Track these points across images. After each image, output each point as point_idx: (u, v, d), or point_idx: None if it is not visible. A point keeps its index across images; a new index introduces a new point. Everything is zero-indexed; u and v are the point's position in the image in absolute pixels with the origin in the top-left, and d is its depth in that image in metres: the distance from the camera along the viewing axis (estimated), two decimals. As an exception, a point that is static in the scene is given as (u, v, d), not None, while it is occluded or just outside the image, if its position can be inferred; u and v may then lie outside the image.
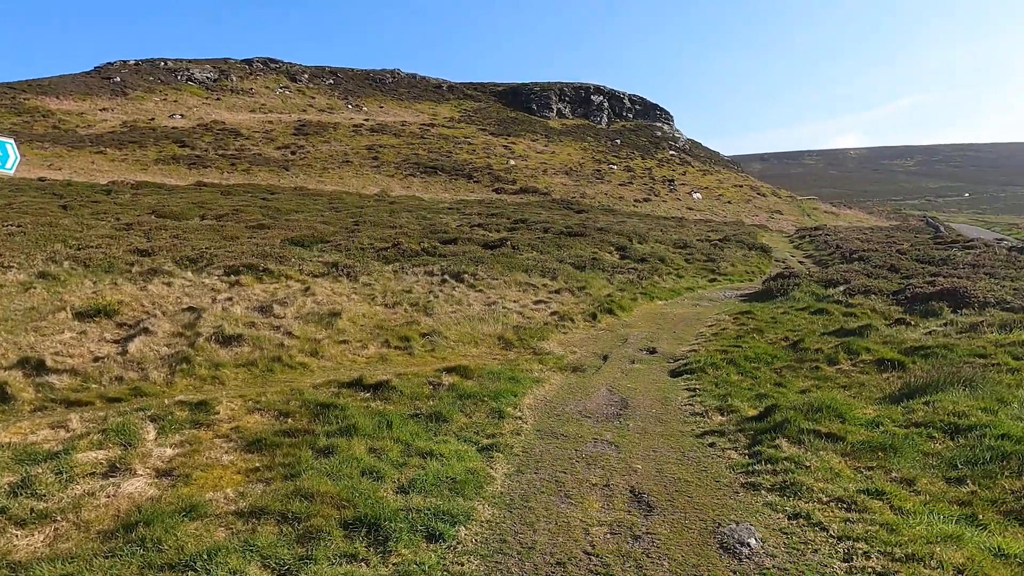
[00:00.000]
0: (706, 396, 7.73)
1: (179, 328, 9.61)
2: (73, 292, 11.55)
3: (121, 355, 8.29)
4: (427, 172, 50.70)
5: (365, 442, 5.71)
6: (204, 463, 5.28)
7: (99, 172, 39.06)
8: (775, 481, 5.18)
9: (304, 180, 43.76)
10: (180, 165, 44.42)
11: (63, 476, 4.84)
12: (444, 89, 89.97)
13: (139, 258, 14.90)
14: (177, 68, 77.11)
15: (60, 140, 47.41)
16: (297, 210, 28.58)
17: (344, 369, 8.62)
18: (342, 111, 73.51)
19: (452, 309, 12.47)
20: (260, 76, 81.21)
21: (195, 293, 12.15)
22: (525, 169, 56.03)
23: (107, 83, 69.36)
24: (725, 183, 64.76)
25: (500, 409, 6.93)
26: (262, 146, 53.38)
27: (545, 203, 42.15)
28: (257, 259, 15.19)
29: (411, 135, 63.61)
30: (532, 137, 70.08)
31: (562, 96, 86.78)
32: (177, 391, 7.36)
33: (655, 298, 16.35)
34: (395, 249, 18.75)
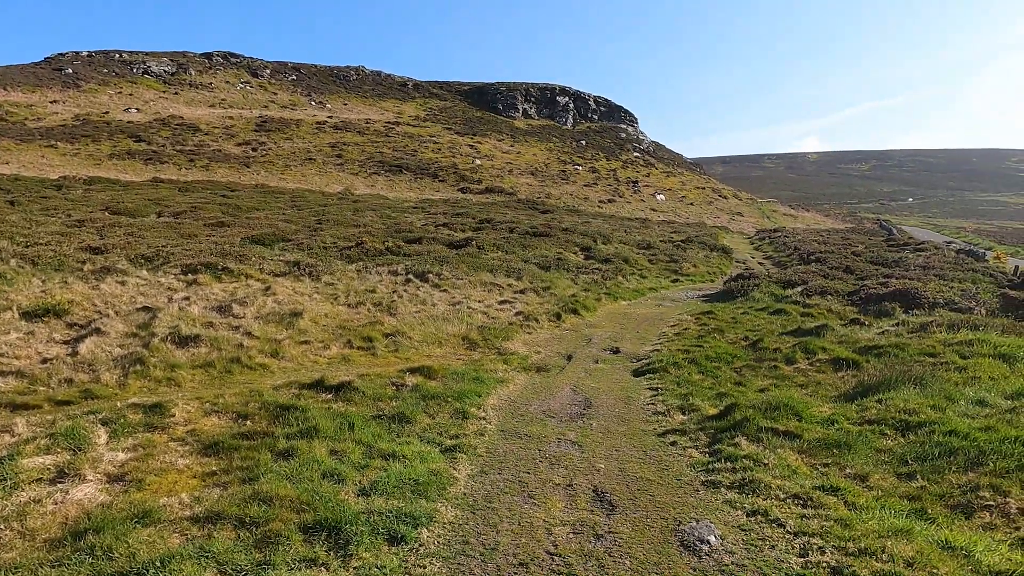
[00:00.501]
0: (668, 395, 7.82)
1: (133, 328, 9.33)
2: (20, 291, 11.12)
3: (71, 356, 8.01)
4: (392, 171, 50.29)
5: (326, 444, 5.62)
6: (158, 467, 5.13)
7: (49, 167, 37.72)
8: (735, 479, 5.27)
9: (266, 177, 42.98)
10: (136, 160, 43.19)
11: (7, 483, 4.65)
12: (410, 87, 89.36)
13: (91, 256, 14.44)
14: (133, 61, 74.93)
15: (7, 133, 45.63)
16: (258, 208, 28.05)
17: (305, 370, 8.48)
18: (305, 108, 72.42)
19: (416, 309, 12.38)
20: (220, 71, 79.46)
21: (150, 292, 11.82)
22: (491, 169, 56.00)
23: (58, 75, 67.04)
24: (688, 185, 65.75)
25: (464, 410, 6.91)
26: (222, 142, 52.24)
27: (511, 203, 42.20)
28: (216, 258, 14.85)
29: (376, 133, 63.01)
30: (498, 137, 70.08)
31: (528, 96, 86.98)
32: (130, 393, 7.14)
33: (619, 298, 16.50)
34: (359, 248, 18.54)
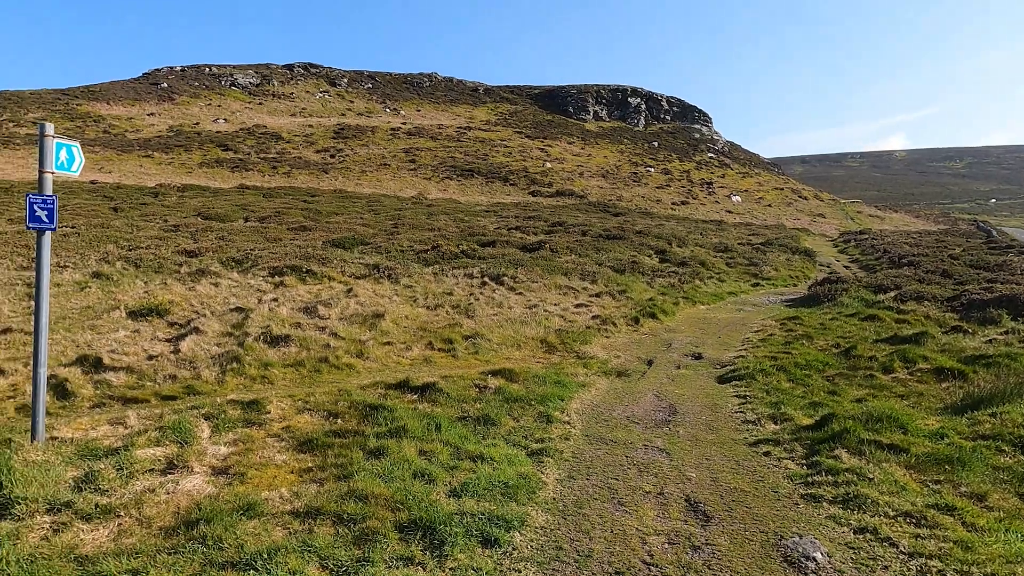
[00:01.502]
0: (757, 404, 7.54)
1: (228, 328, 9.78)
2: (126, 292, 11.88)
3: (174, 354, 8.46)
4: (464, 175, 50.94)
5: (415, 444, 5.70)
6: (258, 462, 5.33)
7: (147, 175, 40.21)
8: (837, 493, 5.01)
9: (343, 183, 44.37)
10: (224, 168, 45.45)
11: (124, 472, 4.93)
12: (481, 92, 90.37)
13: (187, 259, 15.26)
14: (221, 73, 79.00)
15: (110, 144, 48.96)
16: (337, 212, 28.98)
17: (389, 371, 8.65)
18: (380, 115, 74.38)
19: (493, 312, 12.45)
20: (301, 81, 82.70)
21: (241, 293, 12.37)
22: (561, 172, 55.88)
23: (155, 89, 71.42)
24: (765, 186, 63.62)
25: (548, 413, 6.87)
26: (302, 150, 54.32)
27: (582, 206, 41.97)
28: (300, 260, 15.41)
29: (448, 138, 64.01)
30: (568, 140, 69.88)
31: (599, 98, 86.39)
32: (228, 390, 7.47)
33: (697, 302, 16.10)
34: (434, 251, 18.85)
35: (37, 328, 5.28)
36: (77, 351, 8.29)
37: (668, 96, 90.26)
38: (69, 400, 7.01)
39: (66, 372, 7.47)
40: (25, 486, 4.53)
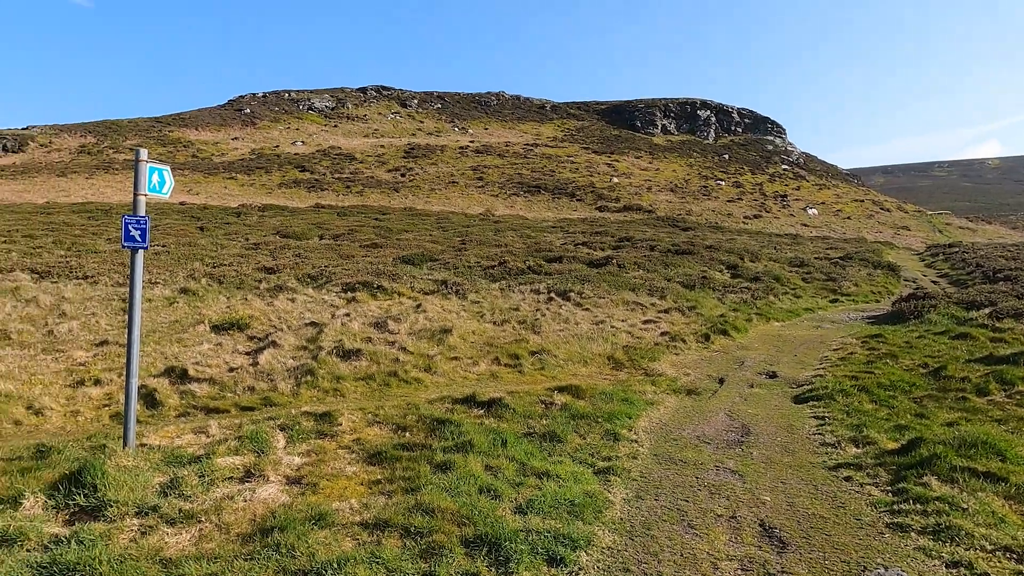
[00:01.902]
0: (837, 425, 7.19)
1: (303, 342, 10.13)
2: (210, 307, 12.50)
3: (252, 366, 8.83)
4: (530, 191, 51.24)
5: (481, 459, 5.72)
6: (330, 473, 5.47)
7: (230, 196, 42.38)
8: (926, 523, 4.70)
9: (413, 201, 45.43)
10: (300, 188, 47.39)
11: (205, 479, 5.16)
12: (547, 109, 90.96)
13: (266, 275, 15.94)
14: (299, 98, 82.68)
15: (197, 168, 51.94)
16: (407, 229, 29.67)
17: (456, 385, 8.74)
18: (449, 134, 75.93)
19: (559, 327, 12.41)
20: (373, 103, 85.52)
21: (316, 309, 12.81)
22: (629, 187, 55.40)
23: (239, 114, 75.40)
24: (843, 198, 61.07)
25: (615, 431, 6.77)
26: (374, 169, 56.01)
27: (650, 221, 41.43)
28: (371, 277, 15.83)
29: (515, 155, 64.63)
30: (636, 154, 69.28)
31: (667, 112, 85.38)
32: (302, 402, 7.72)
33: (771, 319, 15.55)
34: (501, 267, 18.99)
35: (130, 341, 5.62)
36: (165, 363, 8.77)
37: (739, 108, 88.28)
38: (157, 409, 7.41)
39: (155, 383, 7.91)
40: (117, 490, 4.80)
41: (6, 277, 14.16)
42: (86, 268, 15.38)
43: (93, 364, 8.64)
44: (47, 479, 5.08)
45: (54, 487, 4.91)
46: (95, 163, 53.20)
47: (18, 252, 17.66)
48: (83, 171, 48.39)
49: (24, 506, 4.65)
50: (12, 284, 13.40)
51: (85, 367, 8.50)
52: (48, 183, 43.04)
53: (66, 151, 59.81)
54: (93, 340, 9.80)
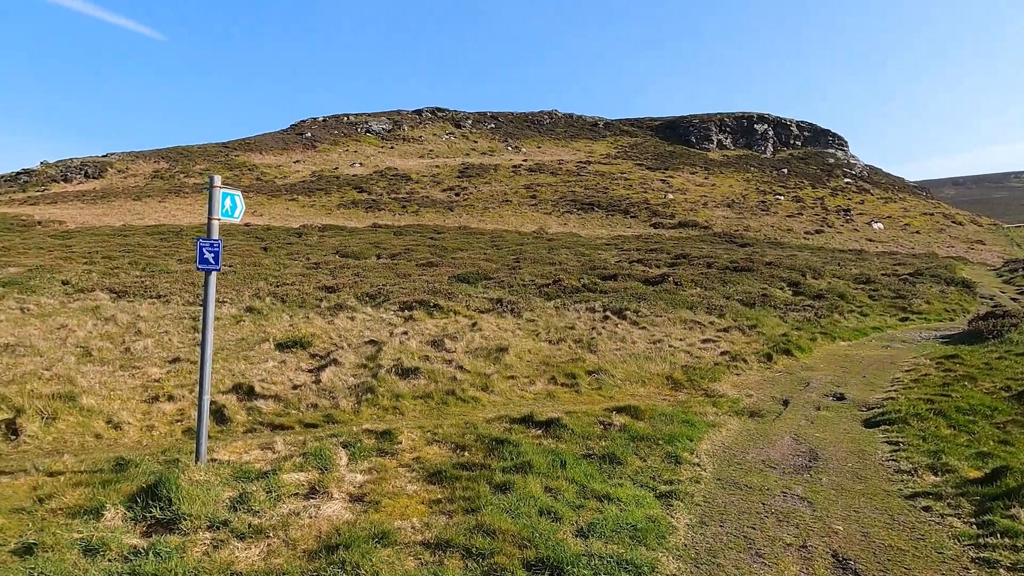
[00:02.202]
0: (912, 451, 6.85)
1: (363, 360, 10.33)
2: (274, 325, 12.90)
3: (315, 384, 9.05)
4: (584, 209, 51.15)
5: (540, 480, 5.69)
6: (391, 491, 5.53)
7: (292, 217, 43.81)
8: (1017, 559, 4.41)
9: (467, 219, 45.97)
10: (359, 209, 48.61)
11: (272, 495, 5.30)
12: (600, 126, 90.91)
13: (326, 294, 16.36)
14: (357, 122, 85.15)
15: (261, 190, 53.96)
16: (462, 248, 30.01)
17: (513, 405, 8.74)
18: (502, 153, 76.70)
19: (616, 346, 12.28)
20: (429, 124, 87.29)
21: (375, 327, 13.06)
22: (684, 203, 54.66)
23: (300, 138, 78.14)
24: (911, 211, 58.66)
25: (676, 454, 6.63)
26: (429, 189, 57.01)
27: (706, 237, 40.72)
28: (428, 295, 16.06)
29: (568, 173, 64.73)
30: (691, 170, 68.40)
31: (722, 127, 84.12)
32: (363, 419, 7.86)
33: (837, 338, 14.99)
34: (556, 285, 18.97)
35: (203, 360, 5.85)
36: (233, 379, 9.09)
37: (798, 121, 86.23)
38: (226, 425, 7.67)
39: (224, 399, 8.19)
40: (190, 504, 4.98)
41: (87, 296, 14.98)
42: (159, 288, 16.13)
43: (166, 380, 9.02)
44: (126, 491, 5.31)
45: (132, 499, 5.13)
46: (167, 187, 55.95)
47: (98, 273, 18.66)
48: (156, 195, 50.93)
49: (105, 517, 4.87)
50: (93, 303, 14.16)
51: (159, 383, 8.88)
52: (124, 207, 45.46)
53: (141, 176, 63.14)
54: (166, 357, 10.24)
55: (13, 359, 9.43)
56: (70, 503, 5.18)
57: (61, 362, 9.43)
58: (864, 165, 79.88)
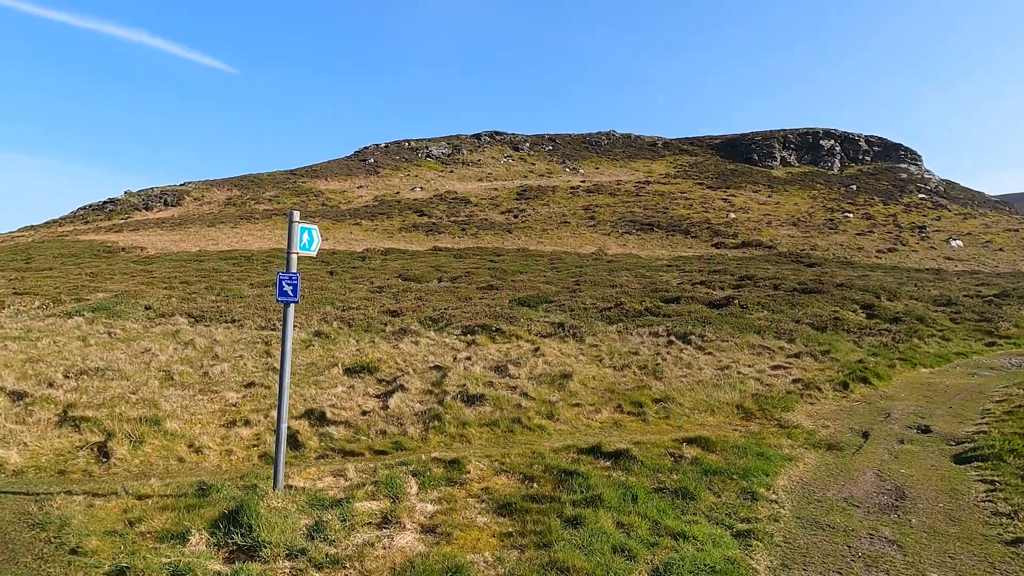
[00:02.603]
0: (1011, 492, 6.41)
1: (428, 385, 10.45)
2: (341, 349, 13.21)
3: (383, 410, 9.20)
4: (643, 229, 50.63)
5: (612, 515, 5.59)
6: (461, 523, 5.54)
7: (355, 241, 45.02)
8: None
9: (526, 241, 46.18)
10: (419, 232, 49.54)
11: (347, 524, 5.39)
12: (659, 146, 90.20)
13: (390, 318, 16.68)
14: (418, 147, 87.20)
15: (326, 215, 55.73)
16: (521, 271, 30.12)
17: (579, 434, 8.65)
18: (560, 174, 76.97)
19: (682, 373, 12.03)
20: (487, 148, 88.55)
21: (438, 352, 13.21)
22: (747, 222, 53.41)
23: (363, 164, 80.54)
24: (993, 227, 55.54)
25: (752, 489, 6.40)
26: (488, 211, 57.63)
27: (771, 257, 39.62)
28: (489, 319, 16.16)
29: (626, 193, 64.34)
30: (753, 188, 66.90)
31: (786, 143, 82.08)
32: (431, 447, 7.93)
33: (918, 364, 14.25)
34: (617, 309, 18.78)
35: (281, 388, 6.04)
36: (305, 405, 9.33)
37: (867, 135, 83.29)
38: (299, 450, 7.87)
39: (297, 425, 8.42)
40: (269, 531, 5.12)
41: (168, 321, 15.73)
42: (233, 312, 16.79)
43: (243, 405, 9.35)
44: (208, 517, 5.50)
45: (215, 525, 5.30)
46: (239, 214, 58.49)
47: (177, 297, 19.60)
48: (229, 221, 53.30)
49: (191, 542, 5.05)
50: (173, 328, 14.85)
51: (236, 408, 9.21)
52: (200, 233, 47.72)
53: (215, 203, 66.25)
54: (241, 382, 10.62)
55: (103, 383, 9.97)
56: (158, 527, 5.41)
57: (146, 386, 9.90)
58: (940, 179, 76.36)
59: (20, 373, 10.59)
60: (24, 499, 6.17)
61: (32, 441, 7.65)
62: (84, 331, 14.44)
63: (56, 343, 13.18)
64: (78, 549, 5.09)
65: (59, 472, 7.02)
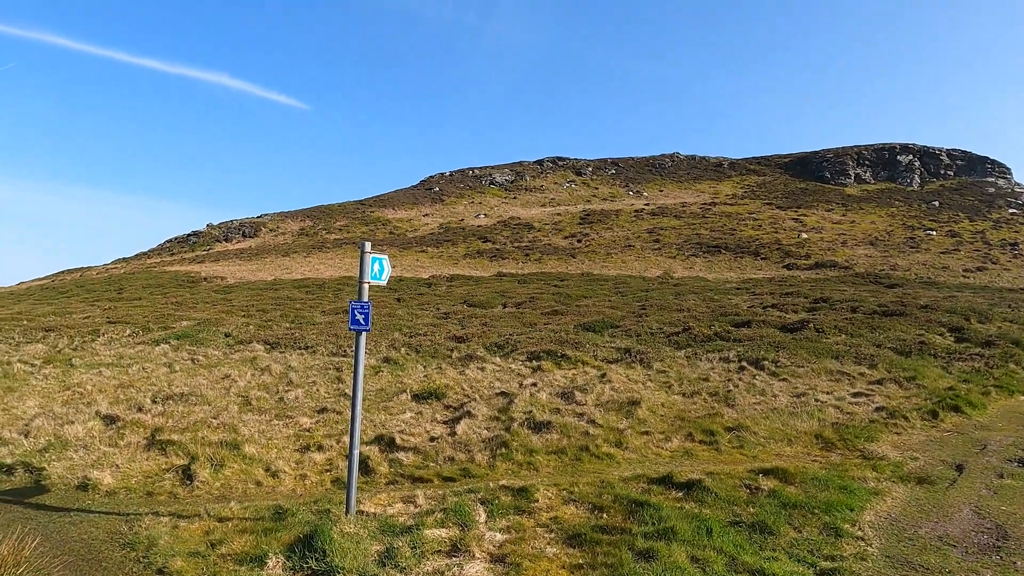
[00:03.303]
0: None
1: (494, 412, 10.47)
2: (409, 375, 13.42)
3: (451, 436, 9.26)
4: (710, 251, 49.59)
5: (685, 549, 5.41)
6: (531, 553, 5.48)
7: (421, 268, 45.93)
8: None
9: (589, 266, 45.97)
10: (483, 258, 50.11)
11: (417, 551, 5.42)
12: (725, 167, 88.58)
13: (456, 344, 16.85)
14: (481, 174, 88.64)
15: (394, 243, 57.16)
16: (586, 296, 29.96)
17: (649, 463, 8.45)
18: (623, 198, 76.56)
19: (755, 400, 11.61)
20: (550, 173, 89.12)
21: (504, 378, 13.23)
22: (820, 242, 51.52)
23: (428, 193, 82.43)
24: (1096, 243, 51.53)
25: (835, 525, 6.07)
26: (551, 236, 57.79)
27: (847, 278, 37.99)
28: (555, 345, 16.09)
29: (692, 215, 63.30)
30: (826, 207, 64.62)
31: (860, 160, 79.10)
32: (499, 474, 7.91)
33: (1016, 392, 13.29)
34: (685, 333, 18.37)
35: (353, 416, 6.18)
36: (374, 431, 9.51)
37: (948, 149, 79.33)
38: (370, 476, 8.00)
39: (367, 450, 8.57)
40: (342, 556, 5.20)
41: (246, 348, 16.40)
42: (306, 339, 17.36)
43: (316, 430, 9.60)
44: (284, 540, 5.65)
45: (291, 548, 5.44)
46: (311, 243, 60.75)
47: (254, 325, 20.43)
48: (302, 251, 55.42)
49: (268, 566, 5.20)
50: (251, 354, 15.47)
51: (309, 433, 9.46)
52: (275, 262, 49.78)
53: (289, 234, 69.09)
54: (314, 407, 10.92)
55: (187, 407, 10.46)
56: (237, 550, 5.58)
57: (226, 411, 10.32)
58: (1032, 193, 71.65)
59: (113, 398, 11.25)
60: (116, 519, 6.50)
61: (123, 463, 8.07)
62: (170, 358, 15.23)
63: (145, 369, 13.94)
64: (164, 570, 5.31)
65: (147, 493, 7.37)
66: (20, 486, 7.58)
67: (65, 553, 5.68)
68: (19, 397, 11.55)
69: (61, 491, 7.40)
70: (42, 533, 6.01)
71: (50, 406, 10.83)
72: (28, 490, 7.44)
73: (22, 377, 13.19)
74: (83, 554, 5.70)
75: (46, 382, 12.91)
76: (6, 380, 12.87)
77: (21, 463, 8.17)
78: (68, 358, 15.13)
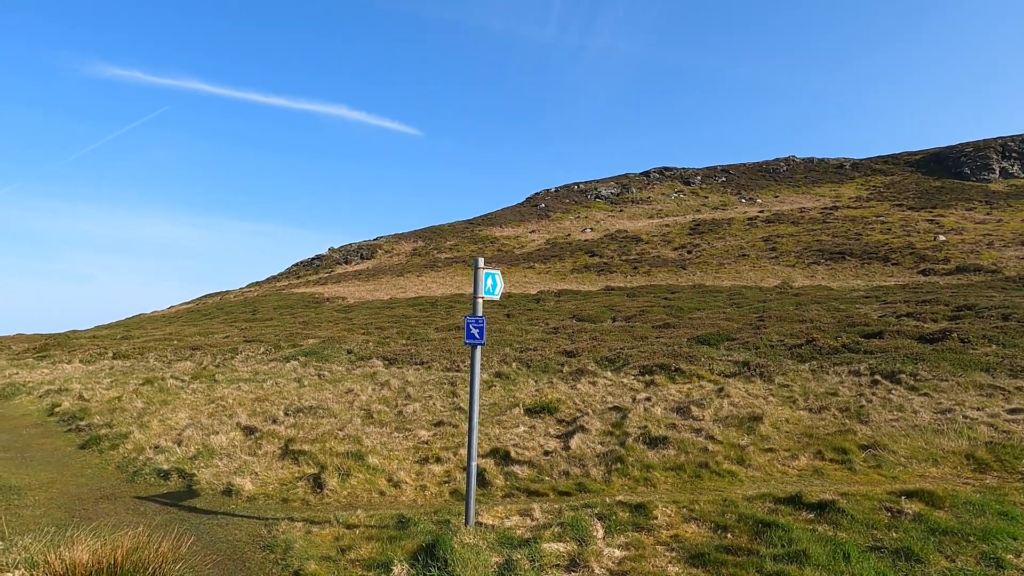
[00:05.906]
0: None
1: (608, 427, 10.33)
2: (521, 390, 13.54)
3: (564, 450, 9.23)
4: (832, 258, 46.60)
5: (820, 575, 5.07)
6: (651, 571, 5.34)
7: (529, 284, 46.35)
8: None
9: (701, 277, 44.53)
10: (591, 272, 49.84)
11: (535, 564, 5.43)
12: (847, 168, 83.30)
13: (566, 359, 16.82)
14: (587, 189, 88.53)
15: (502, 260, 58.13)
16: (698, 308, 29.01)
17: (775, 481, 8.01)
18: (735, 206, 73.76)
19: (893, 416, 10.73)
20: (656, 185, 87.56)
21: (616, 392, 13.04)
22: (960, 244, 47.07)
23: (534, 209, 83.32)
24: None
25: (995, 555, 5.47)
26: (660, 248, 56.58)
27: (995, 283, 34.40)
28: (667, 359, 15.69)
29: (811, 221, 59.87)
30: (967, 206, 59.04)
31: (1006, 152, 71.78)
32: (615, 490, 7.78)
33: None
34: (809, 345, 17.32)
35: (470, 429, 6.32)
36: (490, 444, 9.65)
37: (1115, 134, 70.35)
38: (486, 488, 8.12)
39: (483, 463, 8.72)
40: (463, 567, 5.30)
41: (367, 364, 17.21)
42: (422, 355, 17.97)
43: (433, 442, 9.89)
44: (408, 549, 5.84)
45: (414, 557, 5.61)
46: (423, 263, 63.01)
47: (373, 342, 21.42)
48: (415, 270, 57.59)
49: (393, 572, 5.39)
50: (371, 370, 16.21)
51: (427, 445, 9.76)
52: (390, 282, 52.04)
53: (403, 255, 72.06)
54: (431, 420, 11.26)
55: (315, 420, 11.11)
56: (364, 555, 5.83)
57: (350, 423, 10.86)
58: None
59: (251, 410, 12.15)
60: (256, 523, 7.00)
61: (261, 471, 8.68)
62: (299, 373, 16.26)
63: (277, 384, 14.96)
64: (300, 571, 5.64)
65: (283, 500, 7.88)
66: (175, 490, 8.34)
67: (214, 552, 6.17)
68: (172, 409, 12.74)
69: (209, 495, 8.06)
70: (194, 533, 6.57)
71: (198, 418, 11.85)
72: (181, 494, 8.17)
73: (174, 392, 14.54)
74: (229, 554, 6.17)
75: (194, 396, 14.16)
76: (161, 394, 14.24)
77: (175, 469, 8.99)
78: (212, 374, 16.53)
